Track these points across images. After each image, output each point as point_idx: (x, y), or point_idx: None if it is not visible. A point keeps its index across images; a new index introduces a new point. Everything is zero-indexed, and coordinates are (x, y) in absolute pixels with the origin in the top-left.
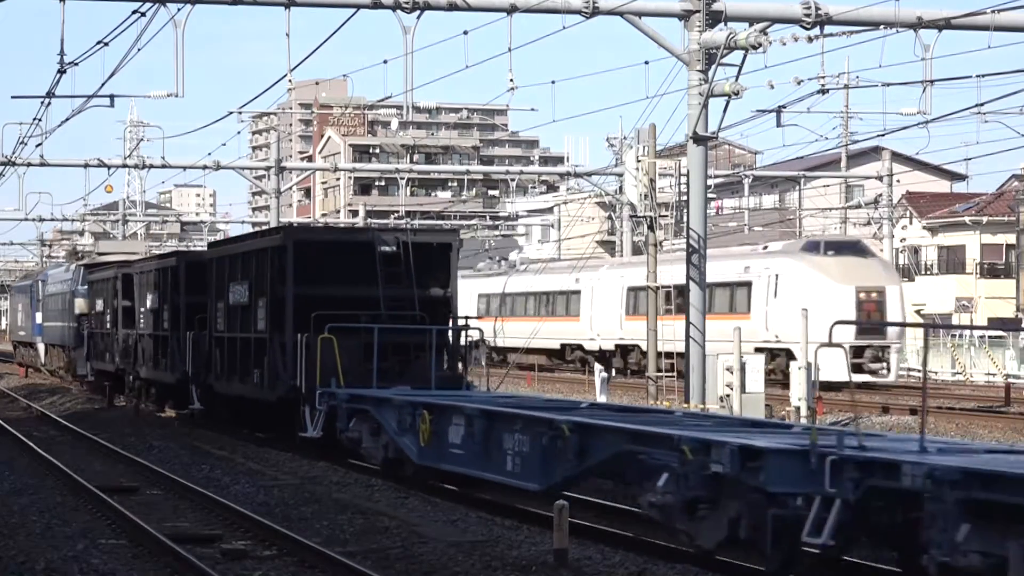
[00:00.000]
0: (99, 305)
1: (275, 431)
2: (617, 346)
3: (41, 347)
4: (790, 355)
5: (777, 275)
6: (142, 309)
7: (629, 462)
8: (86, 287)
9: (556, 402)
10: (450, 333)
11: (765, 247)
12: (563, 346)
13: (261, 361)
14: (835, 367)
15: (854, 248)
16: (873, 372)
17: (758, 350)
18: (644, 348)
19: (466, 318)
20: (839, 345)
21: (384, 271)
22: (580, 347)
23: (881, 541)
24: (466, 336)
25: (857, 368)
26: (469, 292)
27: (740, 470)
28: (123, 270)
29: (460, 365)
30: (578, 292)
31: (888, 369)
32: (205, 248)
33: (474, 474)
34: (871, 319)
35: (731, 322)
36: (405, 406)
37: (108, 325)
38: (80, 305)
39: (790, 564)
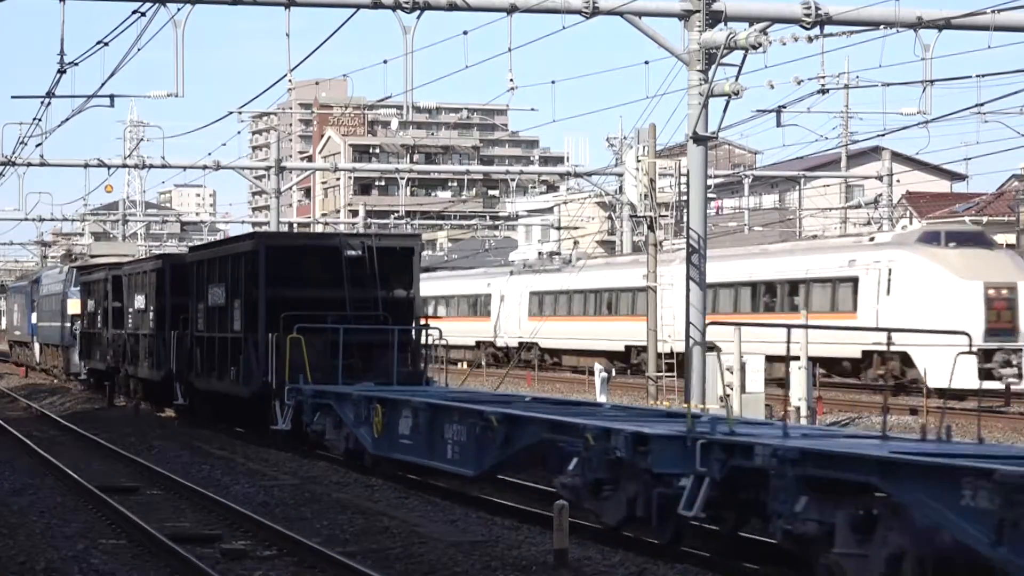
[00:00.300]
0: (91, 306)
1: (250, 425)
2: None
3: (36, 346)
4: (905, 360)
5: (890, 269)
6: (130, 310)
7: (549, 449)
8: (78, 288)
9: (502, 396)
10: (412, 332)
11: (872, 238)
12: (628, 348)
13: (237, 359)
14: (962, 374)
15: (979, 239)
16: (1001, 378)
17: (866, 353)
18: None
19: (426, 318)
20: (973, 352)
21: (350, 274)
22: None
23: (744, 513)
24: (426, 335)
25: (985, 374)
26: (519, 290)
27: (633, 454)
28: (113, 272)
29: (421, 362)
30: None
31: (1021, 375)
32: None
33: (421, 462)
34: (1001, 319)
35: (833, 322)
36: (361, 400)
37: (99, 325)
38: (73, 306)
39: (679, 537)
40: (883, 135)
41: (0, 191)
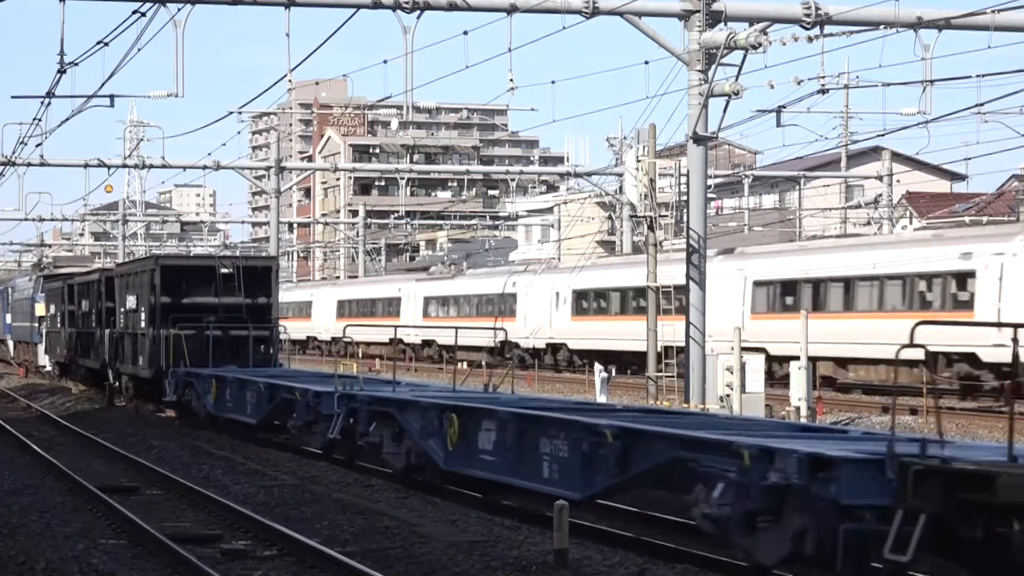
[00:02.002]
0: (52, 309)
1: (154, 397)
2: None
3: (11, 343)
4: None
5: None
6: (79, 312)
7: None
8: (43, 294)
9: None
10: (267, 330)
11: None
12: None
13: (144, 349)
14: None
15: None
16: None
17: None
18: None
19: (279, 319)
20: None
21: (223, 286)
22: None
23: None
24: (276, 331)
25: None
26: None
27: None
28: (67, 281)
29: (272, 350)
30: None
31: None
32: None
33: (231, 416)
34: None
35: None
36: (208, 377)
37: (59, 325)
38: (39, 309)
39: None
40: (883, 135)
41: (0, 191)
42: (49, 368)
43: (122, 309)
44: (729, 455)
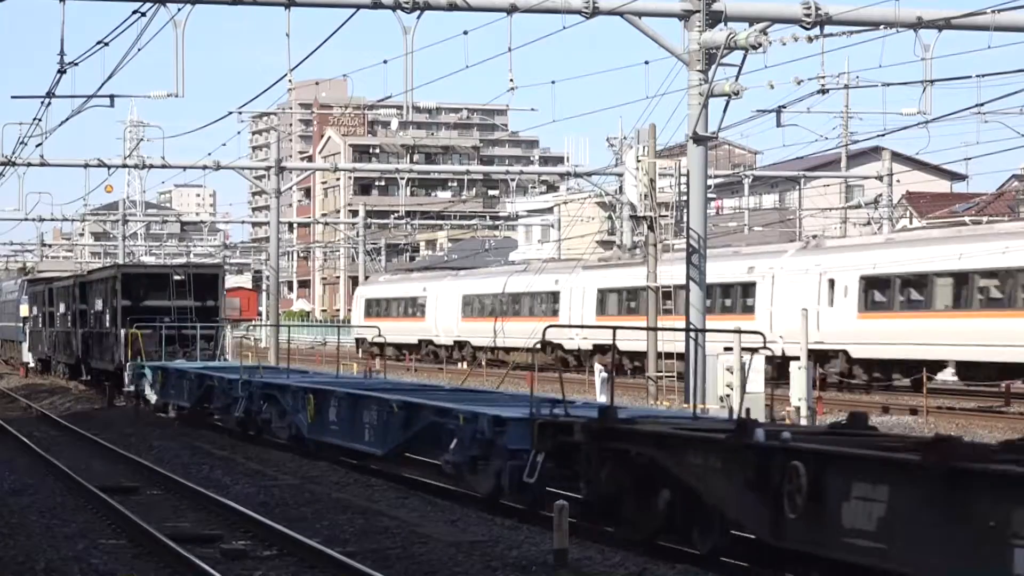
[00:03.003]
0: (35, 310)
1: (118, 387)
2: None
3: None
4: None
5: None
6: (57, 314)
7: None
8: (27, 296)
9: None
10: (213, 329)
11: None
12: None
13: (108, 346)
14: None
15: None
16: None
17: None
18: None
19: (226, 320)
20: None
21: (175, 291)
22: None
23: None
24: (221, 330)
25: None
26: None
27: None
28: (48, 286)
29: (218, 347)
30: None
31: None
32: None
33: (172, 401)
34: None
35: None
36: (156, 369)
37: (40, 325)
38: (23, 310)
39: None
40: (883, 135)
41: (0, 191)
42: (32, 364)
43: (91, 311)
44: (456, 418)
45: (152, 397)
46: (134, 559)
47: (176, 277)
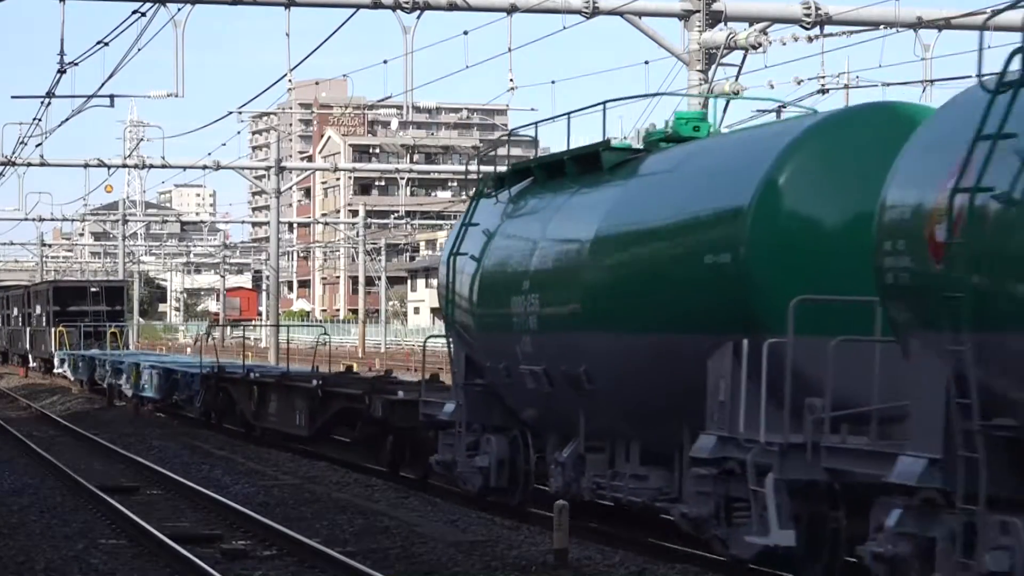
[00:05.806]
0: None
1: (50, 372)
2: None
3: None
4: None
5: None
6: (12, 315)
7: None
8: None
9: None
10: (119, 328)
11: None
12: None
13: (44, 340)
14: None
15: None
16: None
17: None
18: None
19: (129, 320)
20: None
21: (92, 298)
22: None
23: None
24: (126, 328)
25: None
26: None
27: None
28: (7, 293)
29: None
30: None
31: None
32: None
33: (80, 377)
34: None
35: None
36: (84, 358)
37: (0, 324)
38: None
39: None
40: None
41: (0, 191)
42: None
43: (34, 314)
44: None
45: (71, 374)
46: (134, 559)
47: (93, 289)
